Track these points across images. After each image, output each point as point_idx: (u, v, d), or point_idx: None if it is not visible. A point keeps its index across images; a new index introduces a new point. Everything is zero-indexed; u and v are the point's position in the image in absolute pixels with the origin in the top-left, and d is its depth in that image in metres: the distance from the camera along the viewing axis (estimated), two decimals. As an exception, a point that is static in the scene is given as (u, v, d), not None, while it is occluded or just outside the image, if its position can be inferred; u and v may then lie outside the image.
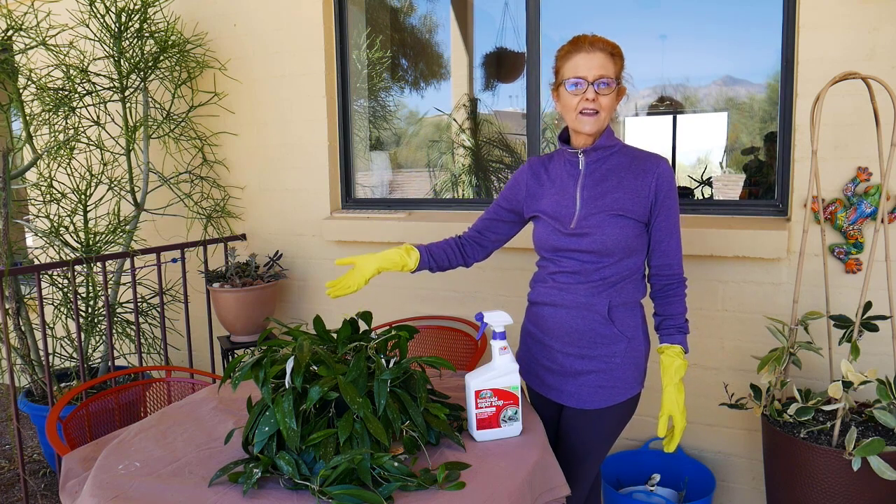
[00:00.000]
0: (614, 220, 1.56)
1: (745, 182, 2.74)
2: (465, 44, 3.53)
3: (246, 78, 3.14)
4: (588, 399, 1.62)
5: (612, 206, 1.57)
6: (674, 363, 1.57)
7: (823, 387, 2.14)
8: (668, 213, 1.59)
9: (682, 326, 1.62)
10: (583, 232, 1.58)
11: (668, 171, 1.59)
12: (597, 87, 1.53)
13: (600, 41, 1.56)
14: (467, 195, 3.53)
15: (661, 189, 1.57)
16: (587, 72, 1.53)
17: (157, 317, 3.03)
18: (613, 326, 1.60)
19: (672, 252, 1.61)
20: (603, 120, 1.57)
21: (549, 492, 1.42)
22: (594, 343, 1.60)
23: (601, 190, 1.60)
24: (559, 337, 1.64)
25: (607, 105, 1.56)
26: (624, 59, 1.61)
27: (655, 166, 1.58)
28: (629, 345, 1.61)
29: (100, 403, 2.11)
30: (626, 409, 1.66)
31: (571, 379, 1.64)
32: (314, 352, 1.43)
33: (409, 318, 2.82)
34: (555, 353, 1.66)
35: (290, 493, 1.26)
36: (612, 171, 1.61)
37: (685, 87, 2.79)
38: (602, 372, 1.61)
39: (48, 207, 2.93)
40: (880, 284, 2.02)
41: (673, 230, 1.60)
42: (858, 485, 1.78)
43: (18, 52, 2.90)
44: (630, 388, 1.63)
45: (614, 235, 1.55)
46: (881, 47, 2.04)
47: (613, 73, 1.56)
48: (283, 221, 3.15)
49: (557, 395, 1.67)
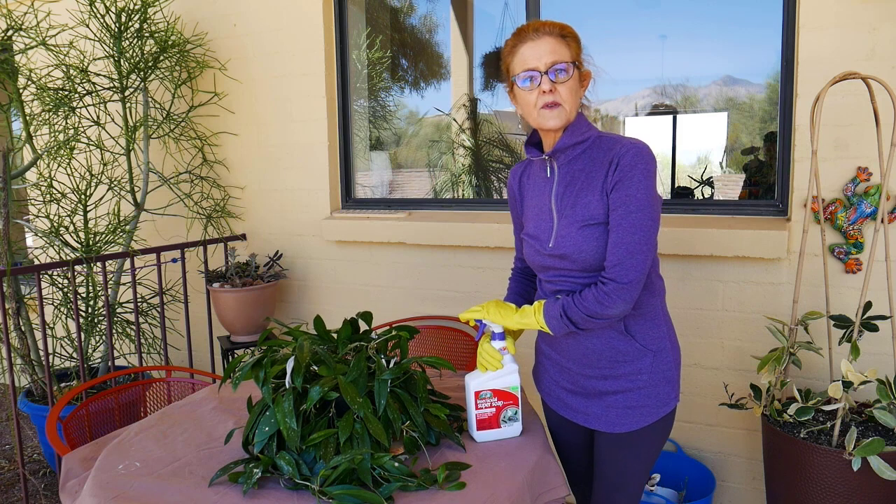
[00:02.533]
0: (582, 232, 1.38)
1: (745, 182, 2.74)
2: (465, 44, 3.53)
3: (246, 78, 3.14)
4: (617, 422, 1.46)
5: (580, 215, 1.39)
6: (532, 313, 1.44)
7: (823, 387, 2.14)
8: (616, 202, 1.33)
9: (565, 306, 1.39)
10: (560, 253, 1.42)
11: (630, 153, 1.33)
12: (552, 76, 1.35)
13: (545, 24, 1.37)
14: (467, 195, 3.52)
15: (617, 173, 1.33)
16: (537, 61, 1.35)
17: (157, 317, 3.02)
18: (634, 341, 1.43)
19: (612, 252, 1.33)
20: (568, 111, 1.38)
21: (549, 492, 1.42)
22: (615, 362, 1.44)
23: (572, 196, 1.42)
24: (576, 359, 1.49)
25: (568, 94, 1.36)
26: (579, 39, 1.41)
27: (618, 150, 1.35)
28: (655, 359, 1.44)
29: (100, 403, 2.11)
30: (662, 428, 1.48)
31: (597, 400, 1.48)
32: (314, 352, 1.43)
33: (409, 318, 2.82)
34: (575, 376, 1.51)
35: (290, 493, 1.26)
36: (582, 171, 1.41)
37: (685, 87, 2.78)
38: (629, 392, 1.44)
39: (48, 207, 2.93)
40: (880, 284, 2.02)
41: (615, 224, 1.33)
42: (858, 485, 1.78)
43: (18, 52, 2.90)
44: (663, 405, 1.45)
45: (589, 249, 1.37)
46: (881, 47, 2.04)
47: (569, 55, 1.36)
48: (283, 221, 3.15)
49: (585, 419, 1.51)
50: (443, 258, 2.78)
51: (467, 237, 2.65)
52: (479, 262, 2.70)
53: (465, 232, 2.64)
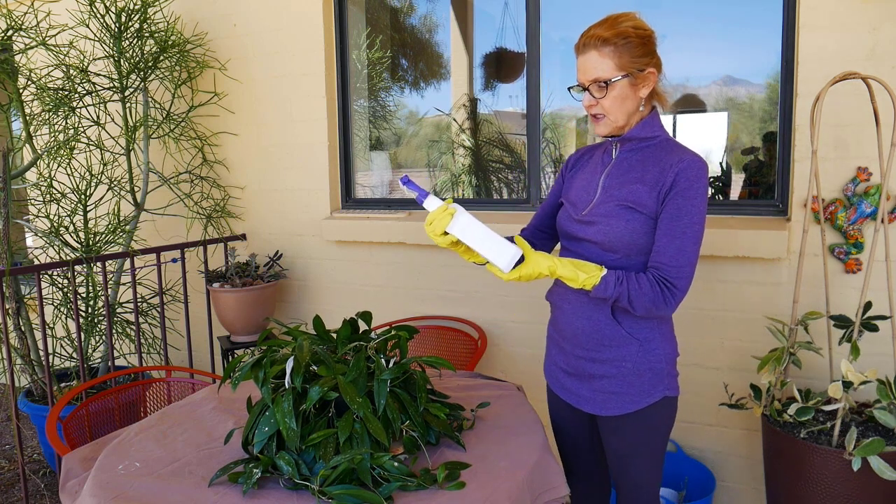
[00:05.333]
0: (622, 212, 1.45)
1: (745, 182, 2.74)
2: (465, 44, 3.53)
3: (246, 78, 3.14)
4: (604, 405, 1.53)
5: (626, 197, 1.46)
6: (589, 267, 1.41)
7: (823, 387, 2.14)
8: (676, 211, 1.40)
9: (619, 279, 1.41)
10: (591, 220, 1.49)
11: (693, 167, 1.41)
12: (592, 92, 1.45)
13: (591, 36, 1.43)
14: (467, 195, 3.52)
15: (677, 183, 1.40)
16: (582, 76, 1.46)
17: (157, 317, 3.02)
18: (620, 328, 1.48)
19: (666, 254, 1.41)
20: (613, 120, 1.47)
21: (549, 492, 1.42)
22: (601, 345, 1.51)
23: (623, 180, 1.49)
24: (569, 338, 1.57)
25: (611, 105, 1.45)
26: (637, 37, 1.42)
27: (680, 159, 1.42)
28: (641, 347, 1.49)
29: (100, 403, 2.11)
30: (654, 416, 1.52)
31: (586, 383, 1.55)
32: (314, 352, 1.43)
33: (409, 318, 2.82)
34: (568, 356, 1.59)
35: (290, 493, 1.27)
36: (640, 163, 1.49)
37: (685, 87, 2.78)
38: (614, 378, 1.51)
39: (48, 207, 2.93)
40: (880, 284, 2.02)
41: (676, 232, 1.40)
42: (858, 485, 1.78)
43: (18, 52, 2.89)
44: (646, 395, 1.49)
45: (619, 228, 1.44)
46: (881, 47, 2.04)
47: (612, 68, 1.42)
48: (283, 221, 3.15)
49: (577, 400, 1.58)
50: (443, 258, 2.78)
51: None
52: (479, 262, 2.70)
53: (465, 232, 2.64)
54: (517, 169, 3.32)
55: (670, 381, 1.52)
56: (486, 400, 1.69)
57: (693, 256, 1.42)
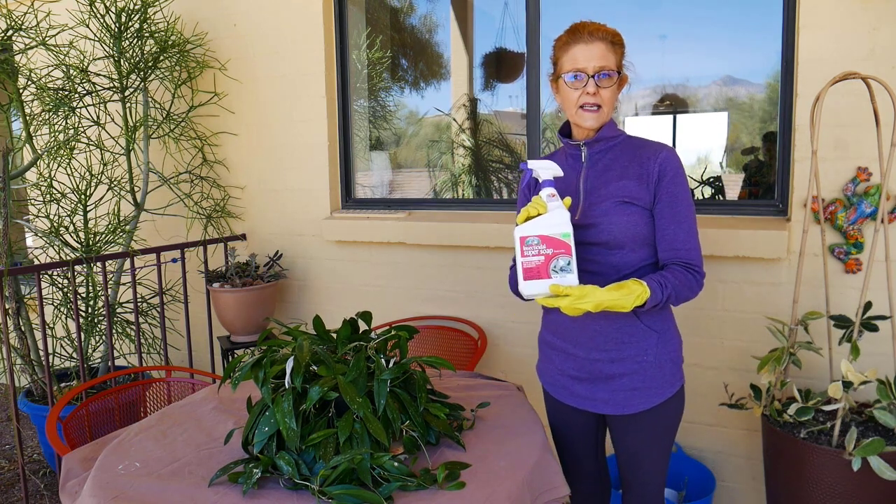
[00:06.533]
0: (621, 207, 1.47)
1: (745, 182, 2.74)
2: (465, 44, 3.53)
3: (246, 78, 3.14)
4: (623, 404, 1.53)
5: (617, 192, 1.48)
6: (631, 287, 1.38)
7: (823, 387, 2.14)
8: (672, 198, 1.47)
9: (662, 282, 1.41)
10: (588, 223, 1.49)
11: (673, 156, 1.49)
12: (597, 80, 1.46)
13: (600, 30, 1.48)
14: (467, 195, 3.52)
15: (665, 173, 1.47)
16: (587, 63, 1.46)
17: (157, 317, 3.02)
18: (639, 322, 1.50)
19: (678, 239, 1.46)
20: (605, 114, 1.50)
21: (549, 492, 1.42)
22: (622, 343, 1.50)
23: (606, 179, 1.52)
24: (583, 343, 1.54)
25: (609, 98, 1.49)
26: (625, 46, 1.53)
27: (658, 152, 1.49)
28: (660, 339, 1.51)
29: (100, 403, 2.11)
30: (672, 408, 1.56)
31: (603, 384, 1.54)
32: (314, 352, 1.43)
33: (409, 318, 2.82)
34: (581, 361, 1.55)
35: (290, 493, 1.26)
36: (615, 161, 1.53)
37: (685, 87, 2.78)
38: (634, 374, 1.51)
39: (48, 207, 2.93)
40: (880, 284, 2.02)
41: (679, 217, 1.47)
42: (858, 485, 1.78)
43: (18, 52, 2.90)
44: (668, 386, 1.53)
45: (621, 223, 1.46)
46: (881, 47, 2.04)
47: (615, 63, 1.48)
48: (282, 221, 3.15)
49: (592, 404, 1.57)
50: (443, 258, 2.78)
51: (467, 237, 2.65)
52: (479, 261, 2.70)
53: (465, 232, 2.64)
54: (517, 169, 3.32)
55: (681, 371, 1.58)
56: (486, 400, 1.69)
57: (697, 236, 1.50)
